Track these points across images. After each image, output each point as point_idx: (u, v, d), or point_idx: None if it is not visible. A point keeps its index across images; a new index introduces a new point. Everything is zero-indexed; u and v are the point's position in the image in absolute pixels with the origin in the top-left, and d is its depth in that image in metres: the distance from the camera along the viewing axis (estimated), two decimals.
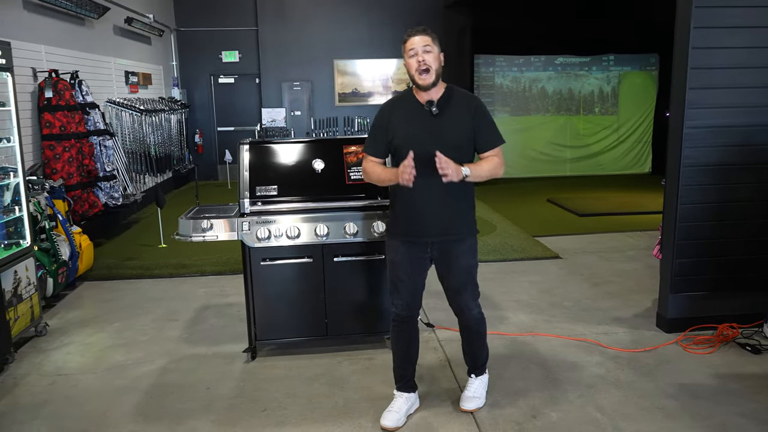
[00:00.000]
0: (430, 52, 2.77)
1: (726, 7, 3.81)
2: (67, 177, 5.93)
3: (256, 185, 3.65)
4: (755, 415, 3.05)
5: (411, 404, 3.11)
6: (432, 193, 2.82)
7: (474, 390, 3.16)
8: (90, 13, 7.29)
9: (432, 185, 2.78)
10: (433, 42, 2.79)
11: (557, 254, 6.07)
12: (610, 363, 3.67)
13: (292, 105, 11.84)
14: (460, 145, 2.82)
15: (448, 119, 2.83)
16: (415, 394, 3.15)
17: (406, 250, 2.93)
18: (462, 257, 2.93)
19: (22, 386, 3.53)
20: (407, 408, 3.07)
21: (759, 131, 3.96)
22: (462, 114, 2.83)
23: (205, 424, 3.07)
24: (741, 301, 4.09)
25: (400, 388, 3.12)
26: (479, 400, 3.15)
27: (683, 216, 3.99)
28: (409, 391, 3.12)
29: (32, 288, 4.18)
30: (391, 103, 3.01)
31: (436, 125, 2.82)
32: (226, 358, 3.84)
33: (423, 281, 3.02)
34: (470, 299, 3.00)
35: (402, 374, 3.11)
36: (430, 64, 2.76)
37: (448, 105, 2.85)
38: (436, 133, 2.81)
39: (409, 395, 3.11)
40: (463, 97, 2.91)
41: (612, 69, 11.58)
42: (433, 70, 2.77)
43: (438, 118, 2.82)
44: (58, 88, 5.99)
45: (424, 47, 2.76)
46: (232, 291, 5.14)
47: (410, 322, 3.05)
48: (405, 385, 3.11)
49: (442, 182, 2.72)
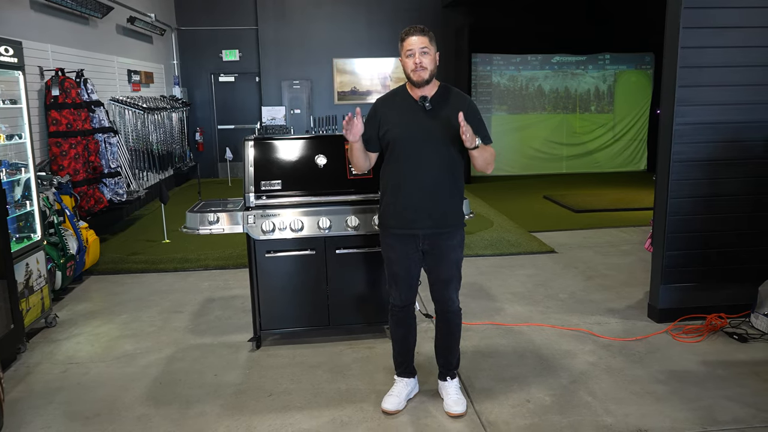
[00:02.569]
0: (427, 54, 2.84)
1: (714, 8, 3.95)
2: (73, 173, 6.06)
3: (260, 180, 3.78)
4: (741, 399, 3.19)
5: (411, 389, 3.24)
6: (423, 186, 2.91)
7: (455, 392, 3.14)
8: (94, 12, 7.41)
9: (423, 179, 2.89)
10: (431, 43, 2.86)
11: (553, 249, 6.21)
12: (602, 351, 3.81)
13: (292, 103, 11.96)
14: (450, 141, 2.89)
15: (441, 116, 2.90)
16: (414, 380, 3.28)
17: (401, 247, 3.00)
18: (452, 251, 3.00)
19: (36, 374, 3.66)
20: (407, 392, 3.21)
21: (746, 128, 4.10)
22: (454, 111, 2.82)
23: (213, 408, 3.20)
24: (729, 291, 4.24)
25: (400, 373, 3.25)
26: (464, 402, 3.12)
27: (673, 210, 4.13)
28: (409, 376, 3.25)
29: (42, 280, 4.31)
30: (384, 99, 3.09)
31: (428, 121, 2.90)
32: (232, 347, 3.97)
33: (418, 273, 3.11)
34: (454, 291, 3.08)
35: (401, 360, 3.24)
36: (426, 66, 2.85)
37: (441, 102, 2.93)
38: (429, 128, 2.90)
39: (409, 380, 3.24)
40: (456, 96, 2.99)
41: (608, 68, 11.72)
42: (429, 71, 2.86)
43: (431, 114, 2.90)
44: (65, 87, 6.12)
45: (422, 49, 2.83)
46: (236, 284, 5.27)
47: (407, 312, 3.17)
48: (404, 370, 3.25)
49: (432, 176, 2.86)
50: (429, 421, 3.05)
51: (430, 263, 3.04)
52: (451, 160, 2.94)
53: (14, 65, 4.15)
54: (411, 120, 2.92)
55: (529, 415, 3.07)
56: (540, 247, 6.27)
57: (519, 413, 3.10)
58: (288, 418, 3.09)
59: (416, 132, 2.91)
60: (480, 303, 4.60)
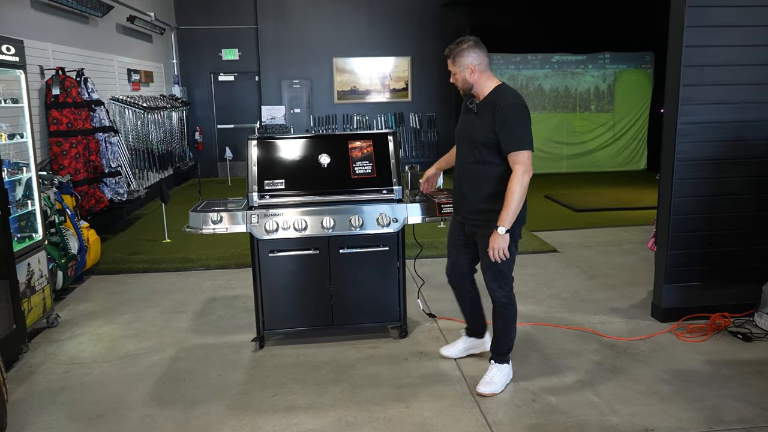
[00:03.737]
0: (454, 75, 3.19)
1: (718, 6, 3.94)
2: (74, 173, 6.04)
3: (264, 179, 3.76)
4: (745, 398, 3.19)
5: (470, 345, 3.67)
6: (462, 179, 3.27)
7: (491, 376, 3.33)
8: (95, 11, 7.39)
9: (463, 172, 3.26)
10: (453, 65, 3.16)
11: (555, 248, 6.21)
12: (606, 351, 3.80)
13: (292, 102, 11.95)
14: (482, 143, 3.12)
15: (478, 119, 3.16)
16: (479, 339, 3.67)
17: (453, 225, 3.45)
18: (485, 241, 3.16)
19: (38, 374, 3.65)
20: (464, 347, 3.68)
21: (750, 127, 4.10)
22: (487, 116, 3.09)
23: (218, 408, 3.19)
24: (733, 291, 4.23)
25: (465, 331, 3.71)
26: (494, 386, 3.28)
27: (677, 209, 4.12)
28: (470, 335, 3.68)
29: (44, 280, 4.29)
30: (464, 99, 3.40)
31: (472, 122, 3.20)
32: (235, 347, 3.96)
33: (464, 257, 3.42)
34: (491, 280, 3.26)
35: (466, 319, 3.68)
36: (457, 86, 3.22)
37: (486, 106, 3.14)
38: (471, 128, 3.20)
39: (469, 339, 3.68)
40: (496, 99, 3.10)
41: (608, 67, 11.71)
42: (460, 89, 3.22)
43: (474, 116, 3.19)
44: (65, 86, 6.10)
45: (450, 71, 3.21)
46: (238, 284, 5.26)
47: (457, 285, 3.54)
48: (468, 329, 3.69)
49: (472, 171, 3.19)
50: (435, 421, 3.04)
51: (478, 249, 3.30)
52: (480, 162, 3.15)
53: (16, 64, 4.13)
54: (464, 119, 3.29)
55: (535, 415, 3.07)
56: (542, 246, 6.27)
57: (525, 413, 3.09)
58: (293, 418, 3.08)
59: (461, 131, 3.29)
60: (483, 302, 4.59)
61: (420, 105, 12.11)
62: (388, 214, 3.74)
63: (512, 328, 3.32)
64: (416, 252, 4.71)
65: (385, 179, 3.80)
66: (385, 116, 12.11)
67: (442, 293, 4.54)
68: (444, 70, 3.21)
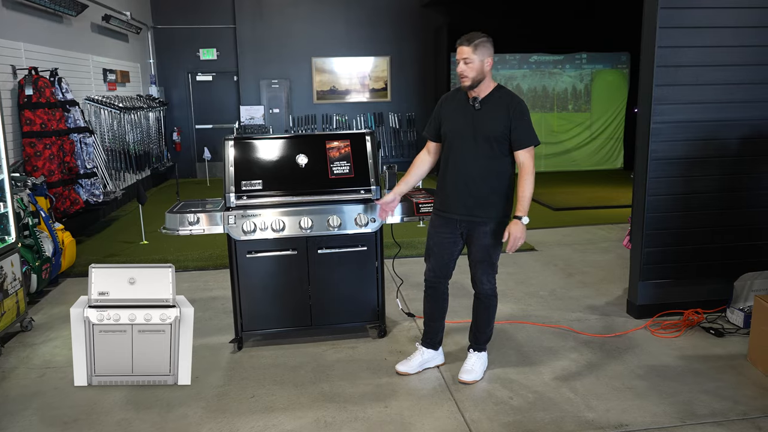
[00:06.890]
0: (468, 63, 3.12)
1: (690, 8, 4.01)
2: (48, 174, 5.95)
3: (241, 180, 3.74)
4: (718, 392, 3.25)
5: (427, 359, 3.56)
6: (460, 176, 3.24)
7: (471, 364, 3.45)
8: (68, 10, 7.29)
9: (461, 170, 3.23)
10: (473, 52, 3.11)
11: (533, 247, 6.26)
12: (583, 348, 3.85)
13: (271, 103, 11.89)
14: (493, 138, 3.17)
15: (487, 115, 3.19)
16: (435, 352, 3.58)
17: (440, 225, 3.36)
18: (484, 236, 3.26)
19: (11, 379, 3.59)
20: (422, 361, 3.54)
21: (722, 126, 4.17)
22: (501, 112, 3.17)
23: (195, 411, 3.17)
24: (705, 287, 4.31)
25: (422, 342, 3.59)
26: (475, 373, 3.42)
27: (651, 207, 4.18)
28: (429, 347, 3.56)
29: (18, 284, 4.22)
30: (447, 96, 3.44)
31: (475, 119, 3.20)
32: (213, 348, 3.94)
33: (452, 255, 3.38)
34: (482, 274, 3.33)
35: (426, 331, 3.57)
36: (467, 75, 3.14)
37: (490, 103, 3.20)
38: (474, 126, 3.20)
39: (427, 350, 3.56)
40: (505, 97, 3.23)
41: (585, 67, 11.85)
42: (470, 79, 3.14)
43: (479, 112, 3.20)
44: (39, 86, 6.00)
45: (465, 59, 3.13)
46: (216, 285, 5.22)
47: (438, 288, 3.47)
48: (426, 340, 3.57)
49: (472, 168, 3.20)
50: (414, 420, 3.05)
51: (468, 246, 3.35)
52: (490, 157, 3.20)
53: None
54: (461, 116, 3.25)
55: (512, 412, 3.09)
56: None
57: (502, 410, 3.12)
58: (271, 419, 3.07)
59: (463, 127, 3.24)
60: (461, 301, 4.60)
61: (399, 105, 12.13)
62: (366, 214, 3.75)
63: (494, 318, 3.47)
64: (395, 251, 4.72)
65: (363, 179, 3.81)
66: (364, 116, 12.11)
67: (421, 292, 4.53)
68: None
